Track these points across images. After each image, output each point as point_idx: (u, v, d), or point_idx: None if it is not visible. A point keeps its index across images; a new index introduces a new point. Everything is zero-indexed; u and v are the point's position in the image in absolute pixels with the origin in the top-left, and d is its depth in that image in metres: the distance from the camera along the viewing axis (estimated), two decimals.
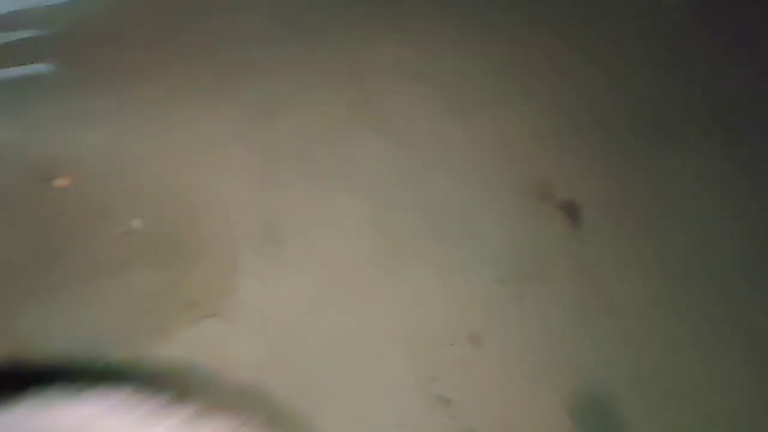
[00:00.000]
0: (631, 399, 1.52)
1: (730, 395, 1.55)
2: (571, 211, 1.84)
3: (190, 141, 1.87)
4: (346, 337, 1.59)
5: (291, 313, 1.62)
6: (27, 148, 1.81)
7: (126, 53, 2.10)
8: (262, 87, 2.04)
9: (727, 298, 1.69)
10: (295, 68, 2.11)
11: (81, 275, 1.59)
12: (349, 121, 1.95)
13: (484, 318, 1.62)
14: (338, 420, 1.46)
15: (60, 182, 1.75)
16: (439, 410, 1.50)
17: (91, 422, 1.15)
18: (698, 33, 2.22)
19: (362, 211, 1.80)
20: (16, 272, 1.57)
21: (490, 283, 1.67)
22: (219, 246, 1.69)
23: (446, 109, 1.98)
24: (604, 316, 1.65)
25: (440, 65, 2.14)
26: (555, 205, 1.86)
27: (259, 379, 1.47)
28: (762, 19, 2.21)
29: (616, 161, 1.96)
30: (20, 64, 2.01)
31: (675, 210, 1.86)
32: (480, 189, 1.84)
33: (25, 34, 2.11)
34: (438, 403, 1.50)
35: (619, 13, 2.33)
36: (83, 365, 1.44)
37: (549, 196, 1.88)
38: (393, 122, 1.96)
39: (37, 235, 1.64)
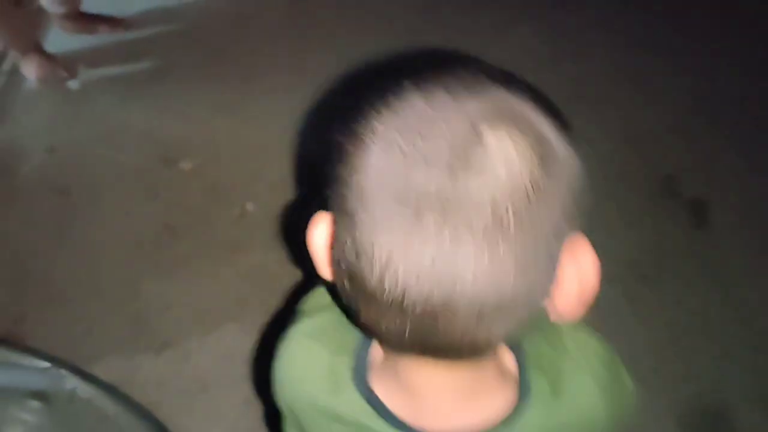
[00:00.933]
0: (750, 413, 1.38)
1: None
2: (698, 210, 1.71)
3: (309, 128, 1.91)
4: None
5: None
6: (156, 132, 1.93)
7: (253, 46, 2.20)
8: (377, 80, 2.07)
9: None
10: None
11: (198, 252, 1.67)
12: None
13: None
14: None
15: (184, 165, 1.85)
16: None
17: None
18: None
19: None
20: (141, 246, 1.68)
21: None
22: None
23: (572, 100, 1.90)
24: (730, 323, 1.51)
25: (568, 55, 2.08)
26: (680, 203, 1.74)
27: None
28: None
29: (751, 157, 1.80)
30: (152, 56, 2.17)
31: None
32: (600, 183, 1.74)
33: (159, 28, 2.27)
34: None
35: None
36: None
37: (674, 193, 1.76)
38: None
39: (161, 213, 1.74)
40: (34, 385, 1.15)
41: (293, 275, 1.62)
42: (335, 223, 0.44)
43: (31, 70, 2.05)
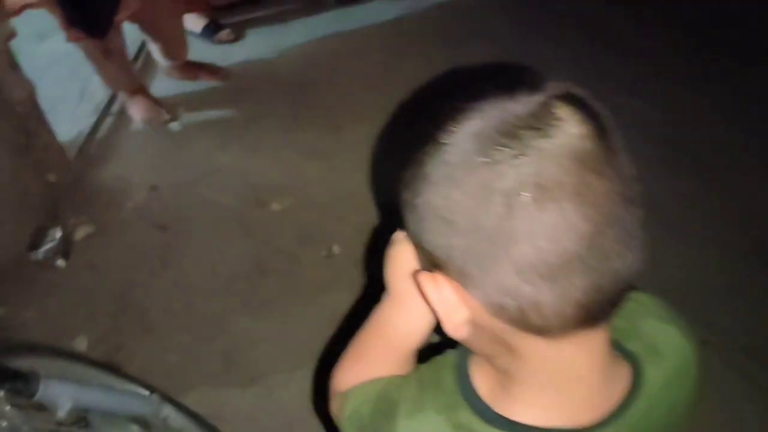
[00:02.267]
0: None
1: None
2: None
3: (395, 179, 1.97)
4: None
5: None
6: (250, 174, 2.03)
7: (344, 96, 2.29)
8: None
9: None
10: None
11: (286, 291, 1.72)
12: None
13: None
14: None
15: (275, 206, 1.93)
16: None
17: None
18: None
19: None
20: (232, 283, 1.74)
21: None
22: None
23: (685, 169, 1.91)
24: None
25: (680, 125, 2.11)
26: None
27: None
28: None
29: None
30: (248, 103, 2.28)
31: None
32: (708, 252, 1.74)
33: (255, 77, 2.40)
34: None
35: None
36: None
37: None
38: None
39: (252, 252, 1.81)
40: (135, 410, 1.20)
41: None
42: (465, 276, 0.46)
43: (136, 111, 2.20)
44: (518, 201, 0.41)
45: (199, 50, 2.43)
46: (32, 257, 1.79)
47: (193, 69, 2.35)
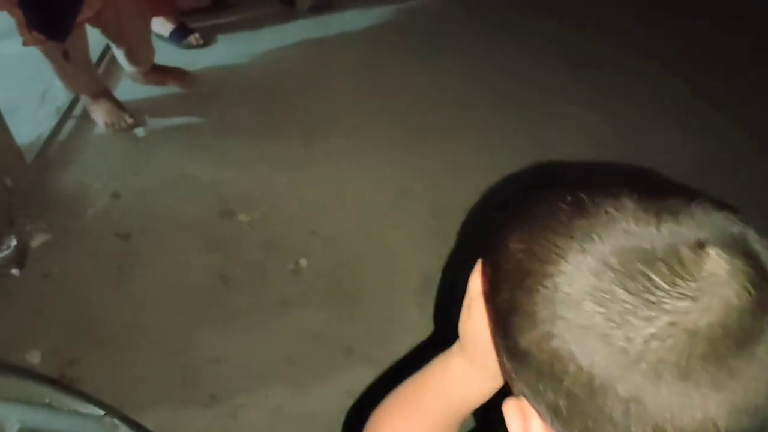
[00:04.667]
0: None
1: None
2: None
3: (366, 191, 1.95)
4: None
5: None
6: (216, 184, 1.97)
7: (316, 107, 2.26)
8: (435, 144, 2.10)
9: None
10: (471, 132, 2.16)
11: (251, 306, 1.68)
12: None
13: None
14: None
15: (242, 217, 1.88)
16: None
17: None
18: None
19: None
20: (195, 296, 1.69)
21: None
22: (377, 294, 1.72)
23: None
24: None
25: None
26: None
27: None
28: None
29: None
30: (217, 110, 2.23)
31: None
32: None
33: (224, 83, 2.35)
34: None
35: None
36: None
37: None
38: None
39: (217, 264, 1.76)
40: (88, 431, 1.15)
41: (341, 335, 1.61)
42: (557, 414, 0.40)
43: (99, 116, 2.13)
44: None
45: (168, 54, 2.37)
46: None
47: (160, 74, 2.29)
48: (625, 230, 0.37)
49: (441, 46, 2.51)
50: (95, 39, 2.08)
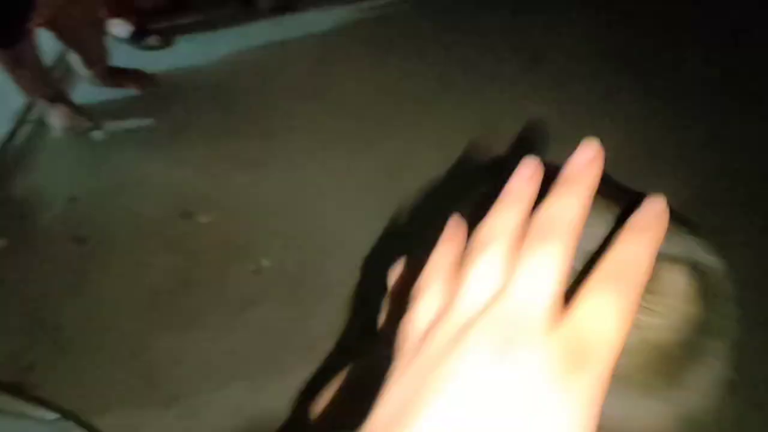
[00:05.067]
0: None
1: None
2: None
3: (327, 189, 1.96)
4: None
5: None
6: (175, 185, 1.96)
7: (274, 106, 2.25)
8: (394, 141, 2.12)
9: None
10: (430, 127, 2.18)
11: (211, 307, 1.67)
12: None
13: None
14: None
15: (202, 218, 1.88)
16: None
17: None
18: None
19: None
20: (155, 298, 1.68)
21: None
22: (340, 292, 1.73)
23: None
24: None
25: None
26: None
27: None
28: None
29: None
30: (175, 111, 2.21)
31: None
32: None
33: (182, 84, 2.33)
34: None
35: None
36: None
37: None
38: None
39: (177, 266, 1.76)
40: None
41: (303, 334, 1.62)
42: None
43: (56, 119, 2.10)
44: None
45: (126, 56, 2.35)
46: None
47: (118, 76, 2.27)
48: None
49: (399, 46, 2.53)
50: (51, 43, 2.06)
